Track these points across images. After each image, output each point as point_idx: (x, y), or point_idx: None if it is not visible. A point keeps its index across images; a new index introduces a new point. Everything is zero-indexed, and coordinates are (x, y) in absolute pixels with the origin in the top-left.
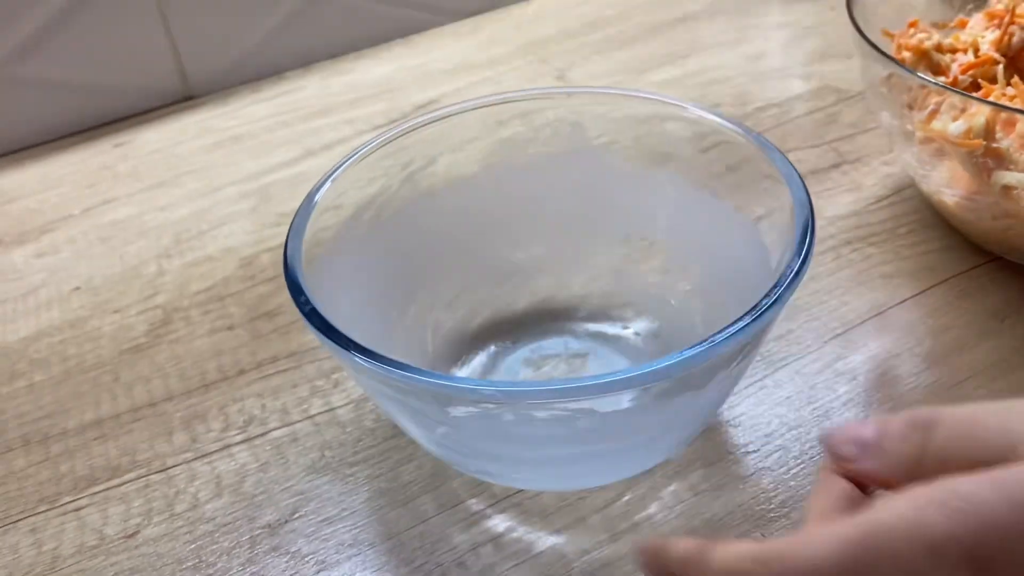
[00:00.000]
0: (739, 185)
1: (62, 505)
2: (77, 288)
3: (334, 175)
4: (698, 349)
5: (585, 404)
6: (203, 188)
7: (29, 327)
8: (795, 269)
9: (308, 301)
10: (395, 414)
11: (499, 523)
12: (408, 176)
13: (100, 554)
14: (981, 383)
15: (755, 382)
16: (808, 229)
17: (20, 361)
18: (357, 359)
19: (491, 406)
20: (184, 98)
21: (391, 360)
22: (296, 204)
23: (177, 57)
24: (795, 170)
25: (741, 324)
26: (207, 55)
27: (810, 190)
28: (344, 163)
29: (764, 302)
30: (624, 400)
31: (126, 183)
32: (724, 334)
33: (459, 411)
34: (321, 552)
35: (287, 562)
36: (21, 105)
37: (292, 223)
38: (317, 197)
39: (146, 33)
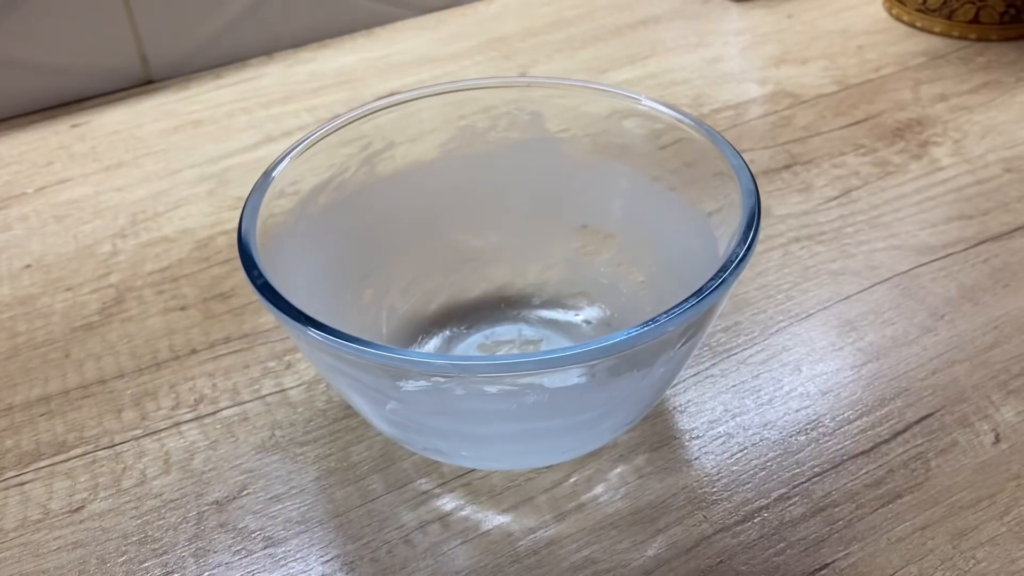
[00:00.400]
0: (694, 180)
1: (5, 480)
2: (28, 265)
3: (292, 153)
4: (644, 328)
5: (534, 379)
6: (161, 170)
7: None
8: (740, 255)
9: (261, 275)
10: (346, 391)
11: (447, 502)
12: (366, 159)
13: (44, 528)
14: (922, 375)
15: (702, 371)
16: (754, 215)
17: None
18: (310, 333)
19: (442, 379)
20: (145, 82)
21: (342, 333)
22: None
23: (139, 40)
24: (745, 163)
25: (687, 305)
26: (169, 39)
27: (762, 189)
28: (302, 142)
29: (709, 284)
30: (572, 376)
31: (83, 163)
32: (670, 315)
33: (410, 385)
34: (268, 528)
35: (233, 538)
36: None
37: (247, 199)
38: (274, 173)
39: (108, 15)
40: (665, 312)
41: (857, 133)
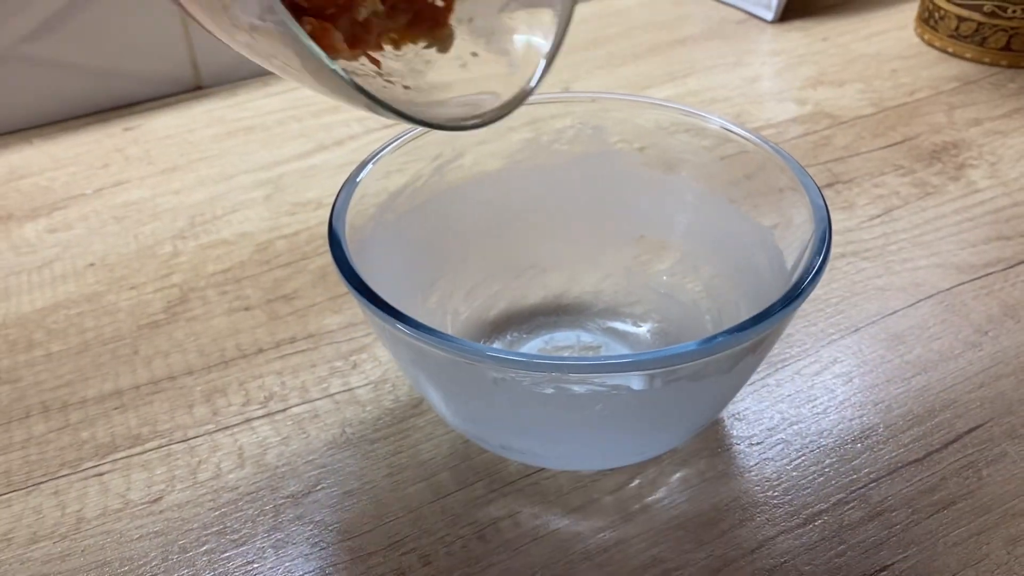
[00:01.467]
0: (755, 192)
1: (84, 470)
2: (92, 264)
3: (375, 159)
4: (733, 334)
5: (623, 380)
6: (216, 175)
7: (45, 298)
8: (817, 265)
9: (355, 274)
10: (427, 387)
11: (517, 501)
12: (437, 168)
13: (125, 517)
14: (969, 388)
15: (758, 380)
16: (827, 231)
17: (37, 331)
18: (406, 329)
19: (534, 378)
20: (194, 87)
21: (441, 332)
22: (311, 195)
23: (191, 46)
24: (811, 178)
25: (774, 311)
26: (220, 46)
27: None
28: (382, 151)
29: (792, 292)
30: (657, 380)
31: (138, 166)
32: (758, 320)
33: (500, 383)
34: (345, 521)
35: (311, 530)
36: (32, 84)
37: (335, 202)
38: (359, 178)
39: (161, 21)
40: (751, 318)
41: (895, 154)
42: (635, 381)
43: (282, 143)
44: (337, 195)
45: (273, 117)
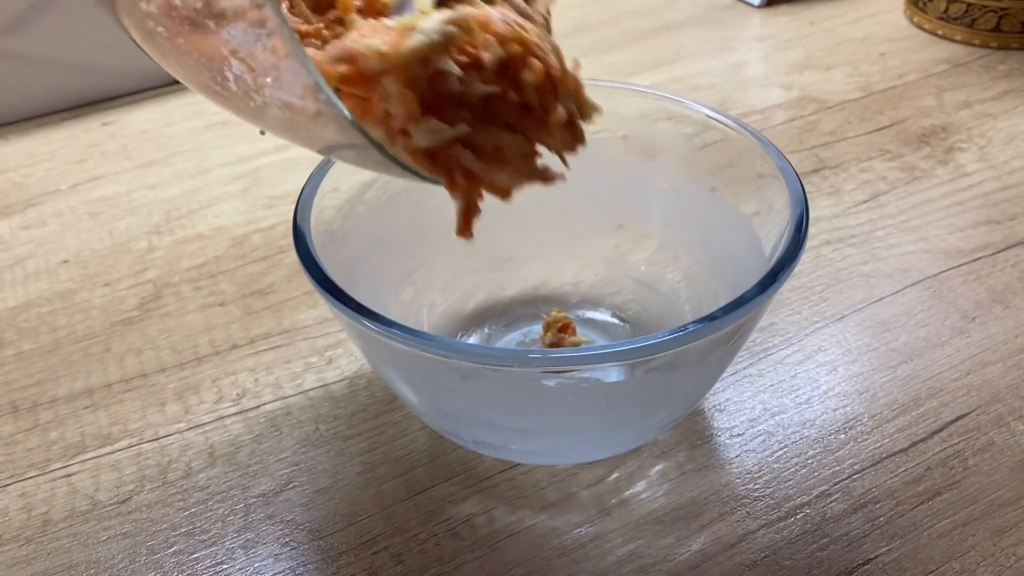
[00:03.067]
0: (735, 180)
1: (52, 471)
2: (65, 261)
3: None
4: (705, 323)
5: (593, 373)
6: (193, 169)
7: (17, 297)
8: (794, 253)
9: (321, 270)
10: (398, 383)
11: (493, 497)
12: None
13: (92, 519)
14: (956, 376)
15: (739, 370)
16: (803, 216)
17: (7, 330)
18: (372, 325)
19: (503, 372)
20: (173, 81)
21: (408, 327)
22: (288, 188)
23: None
24: (790, 164)
25: (747, 299)
26: None
27: None
28: None
29: (767, 280)
30: (629, 371)
31: (114, 161)
32: (728, 310)
33: (470, 378)
34: (316, 521)
35: (282, 530)
36: (7, 80)
37: (300, 195)
38: (328, 169)
39: None
40: (723, 307)
41: (883, 139)
42: (607, 373)
43: (259, 136)
44: (303, 187)
45: None
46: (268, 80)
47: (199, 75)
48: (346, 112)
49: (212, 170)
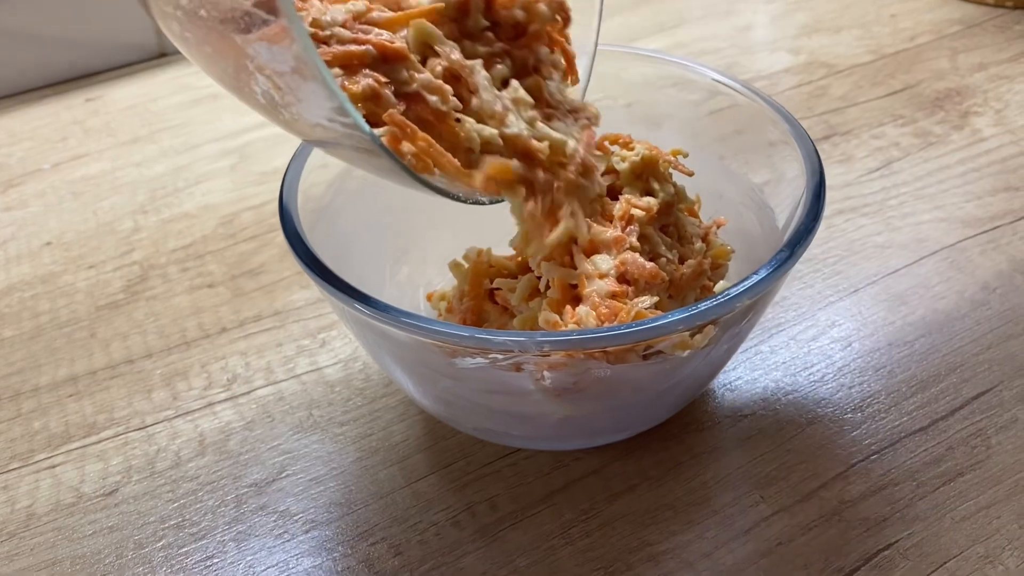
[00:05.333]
0: (745, 148)
1: (36, 463)
2: (48, 243)
3: None
4: (713, 303)
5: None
6: (180, 145)
7: None
8: (810, 223)
9: (310, 252)
10: (393, 369)
11: (494, 483)
12: None
13: (78, 512)
14: (976, 350)
15: (750, 348)
16: (821, 185)
17: None
18: (363, 309)
19: (500, 356)
20: (158, 55)
21: (399, 310)
22: (277, 163)
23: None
24: (804, 130)
25: (766, 271)
26: None
27: None
28: None
29: (782, 254)
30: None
31: (98, 139)
32: (748, 283)
33: (466, 362)
34: (311, 511)
35: (275, 521)
36: None
37: (286, 171)
38: (313, 148)
39: None
40: (737, 284)
41: (895, 103)
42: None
43: (249, 110)
44: (289, 163)
45: None
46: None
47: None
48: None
49: (199, 146)
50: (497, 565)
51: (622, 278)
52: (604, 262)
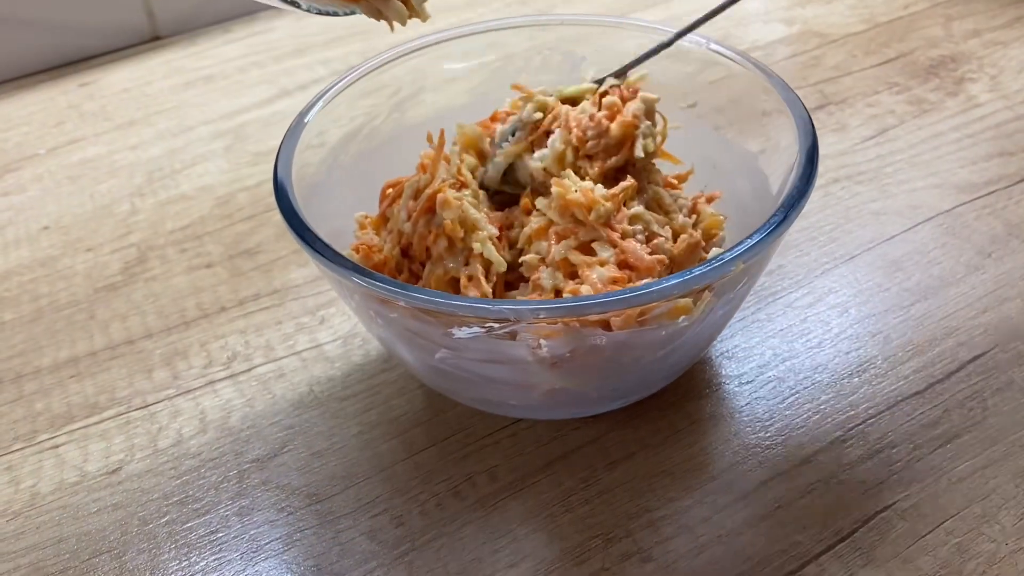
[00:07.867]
0: (740, 117)
1: (39, 443)
2: (46, 227)
3: (322, 98)
4: (709, 267)
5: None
6: (175, 127)
7: None
8: (803, 188)
9: (308, 228)
10: (392, 341)
11: (493, 454)
12: (396, 104)
13: (82, 490)
14: (972, 314)
15: (747, 315)
16: (814, 148)
17: None
18: (361, 280)
19: (496, 325)
20: (152, 38)
21: (395, 281)
22: (273, 144)
23: None
24: (797, 96)
25: (761, 234)
26: None
27: None
28: (330, 89)
29: (774, 219)
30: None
31: (94, 122)
32: (742, 246)
33: (462, 332)
34: (313, 485)
35: (277, 495)
36: None
37: (280, 148)
38: (307, 119)
39: None
40: (732, 248)
41: (890, 71)
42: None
43: (243, 91)
44: (282, 141)
45: (233, 64)
46: None
47: None
48: None
49: (194, 128)
50: (498, 534)
51: (623, 264)
52: (604, 250)
